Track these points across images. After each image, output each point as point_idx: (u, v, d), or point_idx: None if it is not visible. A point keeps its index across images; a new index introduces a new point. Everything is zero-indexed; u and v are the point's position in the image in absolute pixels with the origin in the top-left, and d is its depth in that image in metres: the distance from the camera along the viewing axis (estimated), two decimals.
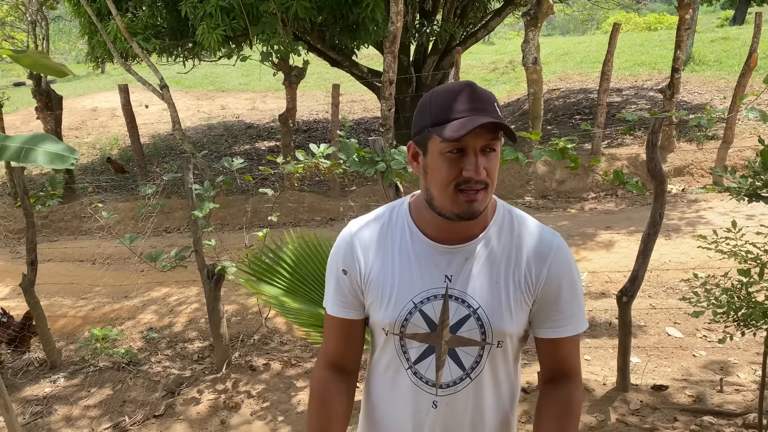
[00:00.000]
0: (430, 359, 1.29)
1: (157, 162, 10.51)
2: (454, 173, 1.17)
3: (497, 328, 1.26)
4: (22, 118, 14.04)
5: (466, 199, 1.18)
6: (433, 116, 1.17)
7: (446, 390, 1.30)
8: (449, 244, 1.27)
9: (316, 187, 8.90)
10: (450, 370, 1.29)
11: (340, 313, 1.36)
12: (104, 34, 7.91)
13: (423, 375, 1.30)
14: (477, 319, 1.26)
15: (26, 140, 1.63)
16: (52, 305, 5.32)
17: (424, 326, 1.27)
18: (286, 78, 8.30)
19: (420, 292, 1.27)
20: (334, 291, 1.36)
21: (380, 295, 1.30)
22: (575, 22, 36.19)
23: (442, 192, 1.20)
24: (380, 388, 1.38)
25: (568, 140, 2.96)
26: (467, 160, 1.17)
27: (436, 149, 1.19)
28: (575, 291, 1.31)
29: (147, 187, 3.86)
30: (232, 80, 18.35)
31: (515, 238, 1.30)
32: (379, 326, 1.32)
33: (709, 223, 6.06)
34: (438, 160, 1.19)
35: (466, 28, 10.76)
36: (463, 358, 1.28)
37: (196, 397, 3.70)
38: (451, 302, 1.26)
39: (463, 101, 1.16)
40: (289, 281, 2.91)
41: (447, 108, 1.16)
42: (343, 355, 1.40)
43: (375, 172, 3.16)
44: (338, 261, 1.35)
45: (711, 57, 12.81)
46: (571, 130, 9.69)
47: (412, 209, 1.33)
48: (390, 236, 1.32)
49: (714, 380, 3.49)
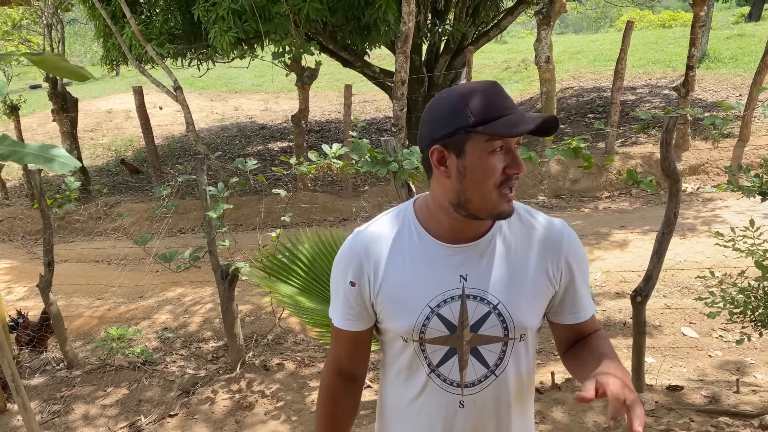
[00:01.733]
0: (453, 360, 1.28)
1: (171, 163, 10.60)
2: (500, 171, 1.17)
3: (519, 322, 1.26)
4: (38, 120, 14.22)
5: (506, 198, 1.19)
6: (477, 116, 1.14)
7: (472, 389, 1.29)
8: (460, 243, 1.26)
9: (328, 187, 8.92)
10: (474, 369, 1.28)
11: (349, 326, 1.34)
12: (119, 38, 7.99)
13: (447, 377, 1.29)
14: (498, 315, 1.25)
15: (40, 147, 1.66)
16: (69, 305, 5.39)
17: (443, 329, 1.26)
18: (299, 79, 8.33)
19: (436, 296, 1.25)
20: (343, 304, 1.34)
21: (394, 304, 1.28)
22: (588, 20, 35.96)
23: (485, 193, 1.18)
24: (400, 395, 1.36)
25: (581, 139, 2.95)
26: (511, 157, 1.17)
27: (479, 149, 1.16)
28: (587, 273, 1.34)
29: (161, 188, 3.89)
30: (245, 81, 18.44)
31: (525, 230, 1.30)
32: (396, 334, 1.30)
33: (725, 222, 6.00)
34: (481, 161, 1.16)
35: (479, 27, 10.73)
36: (487, 356, 1.28)
37: (211, 397, 3.73)
38: (469, 301, 1.25)
39: (499, 99, 1.16)
40: (304, 280, 2.93)
41: (490, 107, 1.14)
42: (352, 364, 1.40)
43: (387, 172, 3.16)
44: (346, 273, 1.32)
45: (726, 54, 12.67)
46: (585, 129, 9.63)
47: (417, 212, 1.31)
48: (398, 242, 1.29)
49: (730, 381, 3.46)
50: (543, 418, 3.16)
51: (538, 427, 3.08)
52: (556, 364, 3.87)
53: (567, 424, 3.10)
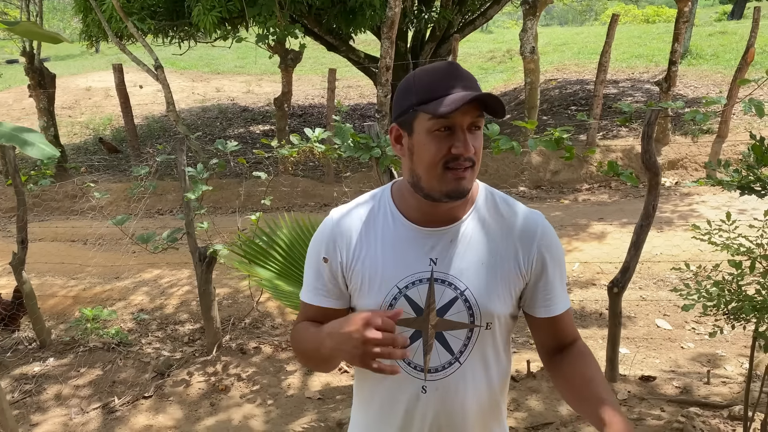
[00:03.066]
0: (418, 344, 1.28)
1: (150, 143, 10.45)
2: (443, 151, 1.16)
3: (485, 310, 1.26)
4: (14, 95, 13.92)
5: (455, 176, 1.18)
6: (419, 95, 1.16)
7: (435, 375, 1.29)
8: (433, 226, 1.26)
9: (310, 172, 8.87)
10: (438, 354, 1.28)
11: (317, 301, 1.33)
12: (99, 13, 7.82)
13: (411, 360, 1.29)
14: (465, 301, 1.25)
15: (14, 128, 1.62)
16: (43, 285, 5.31)
17: (410, 311, 1.26)
18: (282, 61, 8.25)
19: (404, 277, 1.26)
20: (314, 279, 1.33)
21: (364, 282, 1.28)
22: (574, 12, 36.08)
23: (430, 171, 1.19)
24: (367, 377, 1.36)
25: (563, 130, 2.95)
26: (456, 137, 1.16)
27: (423, 128, 1.17)
28: (562, 268, 1.32)
29: (140, 168, 3.83)
30: (227, 63, 18.22)
31: (500, 219, 1.29)
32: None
33: (702, 217, 6.09)
34: (426, 139, 1.18)
35: (465, 15, 10.70)
36: (451, 342, 1.27)
37: (186, 380, 3.71)
38: (437, 285, 1.25)
39: (448, 78, 1.16)
40: (282, 264, 2.91)
41: (434, 86, 1.16)
42: None
43: (370, 157, 3.14)
44: (319, 249, 1.32)
45: (708, 51, 12.81)
46: (567, 120, 9.68)
47: (394, 194, 1.32)
48: (373, 222, 1.30)
49: (701, 372, 3.53)
50: (518, 406, 3.19)
51: (513, 414, 3.11)
52: (532, 352, 3.91)
53: (541, 412, 3.13)
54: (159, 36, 9.26)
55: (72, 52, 23.11)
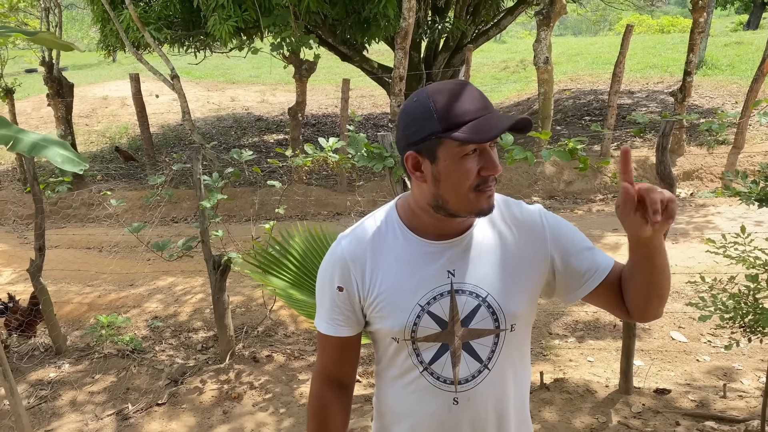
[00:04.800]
0: (445, 357, 1.27)
1: (166, 152, 10.54)
2: (473, 174, 1.17)
3: (509, 311, 1.26)
4: (33, 104, 14.11)
5: (486, 196, 1.19)
6: (443, 121, 1.14)
7: (465, 385, 1.28)
8: (445, 239, 1.27)
9: (323, 181, 8.90)
10: (467, 364, 1.28)
11: (337, 332, 1.33)
12: (117, 23, 7.94)
13: (440, 374, 1.28)
14: (488, 307, 1.26)
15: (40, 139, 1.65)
16: (59, 291, 5.36)
17: (434, 326, 1.26)
18: (297, 71, 8.30)
19: (425, 294, 1.26)
20: (330, 310, 1.32)
21: (385, 306, 1.27)
22: (588, 22, 36.00)
23: (462, 196, 1.18)
24: (395, 397, 1.35)
25: (577, 141, 2.95)
26: (485, 159, 1.17)
27: (451, 153, 1.15)
28: (582, 237, 1.33)
29: (156, 176, 3.87)
30: (242, 72, 18.36)
31: (505, 220, 1.31)
32: (388, 336, 1.29)
33: (717, 228, 6.03)
34: (455, 165, 1.16)
35: (478, 25, 10.72)
36: (479, 350, 1.28)
37: (199, 387, 3.72)
38: (459, 296, 1.26)
39: (469, 101, 1.15)
40: (295, 274, 2.92)
41: (457, 110, 1.14)
42: (340, 371, 1.39)
43: (383, 167, 3.16)
44: (332, 278, 1.31)
45: (724, 61, 12.72)
46: (581, 131, 9.65)
47: (400, 212, 1.31)
48: (383, 244, 1.29)
49: (717, 386, 3.49)
50: (532, 418, 3.17)
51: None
52: (545, 364, 3.88)
53: (555, 424, 3.11)
54: (175, 46, 9.37)
55: (89, 62, 23.42)
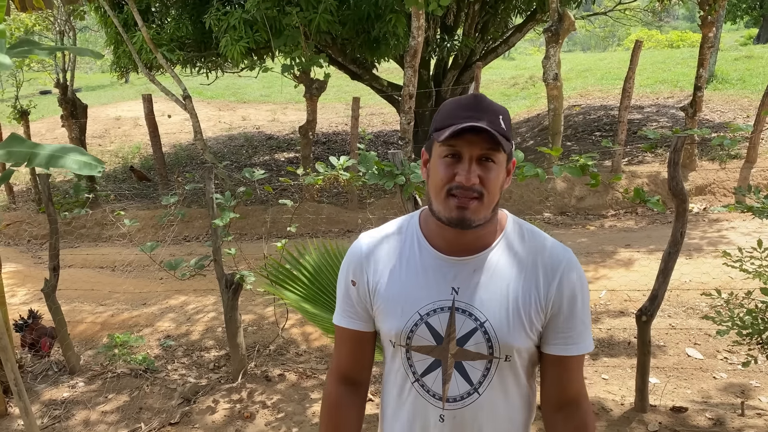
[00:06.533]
0: (437, 372, 1.28)
1: (178, 171, 10.64)
2: (448, 177, 1.20)
3: (504, 342, 1.25)
4: (47, 125, 14.32)
5: (457, 204, 1.20)
6: (436, 122, 1.23)
7: (453, 404, 1.29)
8: (457, 255, 1.28)
9: (334, 198, 8.94)
10: (457, 383, 1.28)
11: (348, 324, 1.38)
12: (130, 45, 8.06)
13: (430, 388, 1.30)
14: (484, 333, 1.25)
15: (56, 150, 1.68)
16: (72, 311, 5.39)
17: (429, 338, 1.27)
18: (307, 90, 8.38)
19: (426, 304, 1.27)
20: (343, 302, 1.38)
21: (387, 306, 1.31)
22: (596, 38, 36.09)
23: (437, 195, 1.24)
24: (391, 401, 1.39)
25: (588, 157, 2.95)
26: (460, 166, 1.20)
27: (437, 153, 1.24)
28: (584, 308, 1.28)
29: (169, 196, 3.91)
30: (253, 92, 18.54)
31: (525, 252, 1.29)
32: (387, 338, 1.34)
33: (731, 243, 5.98)
34: (436, 164, 1.24)
35: (487, 43, 10.78)
36: (471, 372, 1.27)
37: (212, 406, 3.72)
38: (458, 315, 1.26)
39: (464, 109, 1.20)
40: (309, 290, 2.93)
41: (449, 115, 1.21)
42: (354, 368, 1.42)
43: (394, 185, 3.17)
44: (348, 272, 1.38)
45: (734, 75, 12.69)
46: (591, 146, 9.64)
47: (422, 222, 1.35)
48: (400, 248, 1.33)
49: (735, 403, 3.43)
50: None
51: None
52: None
53: None
54: (187, 66, 9.50)
55: (102, 83, 23.76)
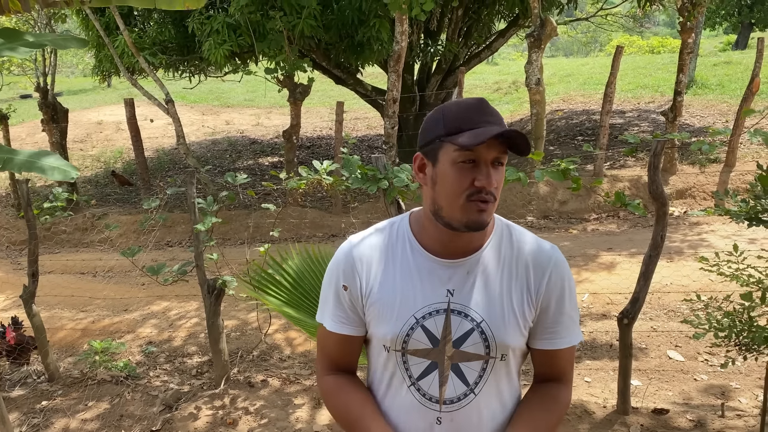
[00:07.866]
0: (433, 375, 1.28)
1: (160, 176, 10.55)
2: (466, 183, 1.19)
3: (501, 341, 1.27)
4: (27, 130, 14.13)
5: (477, 208, 1.20)
6: (447, 127, 1.19)
7: (450, 406, 1.29)
8: (450, 258, 1.28)
9: (318, 203, 8.91)
10: (453, 385, 1.28)
11: (340, 330, 1.35)
12: (112, 49, 7.99)
13: (426, 391, 1.29)
14: (481, 333, 1.26)
15: (31, 155, 1.66)
16: (52, 317, 5.32)
17: (426, 341, 1.27)
18: (291, 95, 8.36)
19: (421, 307, 1.27)
20: (334, 307, 1.35)
21: (381, 311, 1.29)
22: (578, 44, 36.43)
23: (452, 202, 1.21)
24: (385, 408, 1.36)
25: (570, 161, 2.97)
26: (480, 171, 1.19)
27: (449, 159, 1.20)
28: (572, 303, 1.32)
29: (150, 200, 3.87)
30: (237, 96, 18.47)
31: (515, 251, 1.31)
32: (380, 342, 1.32)
33: (711, 246, 6.05)
34: (450, 170, 1.20)
35: (470, 48, 10.84)
36: (467, 373, 1.28)
37: (194, 413, 3.68)
38: (454, 316, 1.26)
39: (477, 113, 1.19)
40: (292, 294, 2.91)
41: (462, 119, 1.19)
42: (342, 362, 1.41)
43: (377, 189, 3.17)
44: (338, 276, 1.34)
45: (713, 81, 12.87)
46: (574, 151, 9.72)
47: (412, 224, 1.34)
48: (391, 251, 1.32)
49: (715, 405, 3.47)
50: None
51: None
52: None
53: None
54: (170, 70, 9.44)
55: (84, 87, 23.53)
